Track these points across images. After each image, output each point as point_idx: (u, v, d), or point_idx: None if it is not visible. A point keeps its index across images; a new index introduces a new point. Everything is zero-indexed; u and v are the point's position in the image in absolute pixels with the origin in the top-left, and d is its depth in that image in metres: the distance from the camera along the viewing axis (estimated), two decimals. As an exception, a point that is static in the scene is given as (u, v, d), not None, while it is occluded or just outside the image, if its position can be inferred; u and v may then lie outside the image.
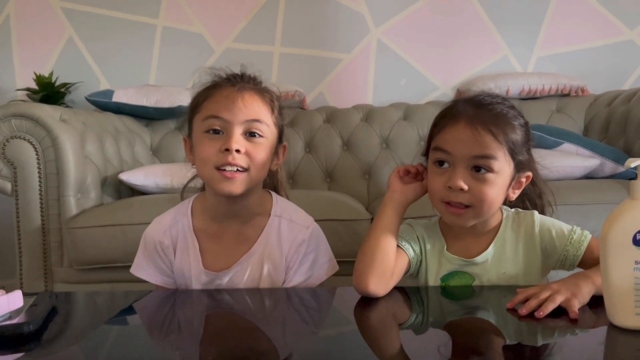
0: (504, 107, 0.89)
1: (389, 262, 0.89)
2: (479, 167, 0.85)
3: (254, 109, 0.92)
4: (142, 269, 1.04)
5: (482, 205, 0.86)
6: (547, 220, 0.94)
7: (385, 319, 0.84)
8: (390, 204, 0.94)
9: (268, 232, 0.99)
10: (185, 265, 1.01)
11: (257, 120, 0.93)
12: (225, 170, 0.90)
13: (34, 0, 2.46)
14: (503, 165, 0.86)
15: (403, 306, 0.89)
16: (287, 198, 1.10)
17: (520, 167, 0.89)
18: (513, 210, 0.97)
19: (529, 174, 0.92)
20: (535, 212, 0.95)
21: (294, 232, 1.00)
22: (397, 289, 0.91)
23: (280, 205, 1.03)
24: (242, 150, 0.90)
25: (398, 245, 0.94)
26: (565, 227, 0.93)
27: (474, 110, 0.87)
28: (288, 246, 0.99)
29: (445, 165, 0.88)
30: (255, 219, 1.00)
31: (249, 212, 0.99)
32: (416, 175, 0.97)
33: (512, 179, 0.89)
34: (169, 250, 1.02)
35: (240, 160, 0.90)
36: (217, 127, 0.91)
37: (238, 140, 0.90)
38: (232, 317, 0.86)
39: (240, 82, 0.95)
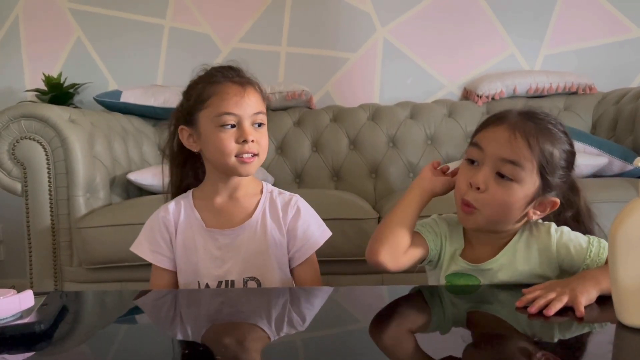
0: (555, 128, 0.89)
1: (402, 237, 0.92)
2: (504, 175, 0.86)
3: (256, 103, 1.06)
4: (139, 244, 1.14)
5: (492, 209, 0.87)
6: (565, 234, 0.92)
7: (395, 317, 0.84)
8: (416, 188, 0.98)
9: (264, 204, 1.12)
10: (188, 235, 1.11)
11: (260, 112, 1.07)
12: (243, 157, 1.04)
13: (42, 2, 2.48)
14: (528, 178, 0.86)
15: (412, 304, 0.90)
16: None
17: (547, 187, 0.88)
18: (532, 221, 0.95)
19: (555, 200, 0.90)
20: (552, 225, 0.93)
21: (286, 201, 1.13)
22: (407, 287, 0.91)
23: (269, 186, 1.17)
24: (255, 139, 1.05)
25: (420, 233, 0.97)
26: (583, 239, 0.91)
27: (521, 119, 0.88)
28: (284, 212, 1.11)
29: (476, 164, 0.89)
30: (250, 195, 1.13)
31: (244, 185, 1.12)
32: (454, 175, 0.98)
33: (534, 198, 0.88)
34: (170, 223, 1.12)
35: (254, 147, 1.05)
36: (233, 122, 1.04)
37: (251, 132, 1.04)
38: (239, 316, 0.86)
39: (237, 77, 1.08)
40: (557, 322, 0.73)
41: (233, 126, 1.04)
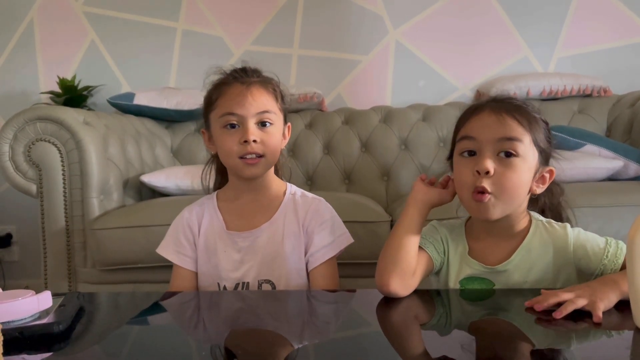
0: (524, 105, 0.92)
1: (410, 262, 0.90)
2: (506, 152, 0.86)
3: (262, 102, 1.05)
4: (162, 246, 1.15)
5: (505, 190, 0.86)
6: (582, 234, 0.92)
7: (407, 320, 0.84)
8: (413, 204, 0.96)
9: (286, 206, 1.11)
10: (210, 237, 1.11)
11: (266, 111, 1.05)
12: (246, 158, 1.03)
13: (57, 5, 2.51)
14: (528, 150, 0.87)
15: (425, 308, 0.89)
16: (289, 177, 1.24)
17: (544, 158, 0.90)
18: (545, 220, 0.95)
19: (552, 169, 0.92)
20: (568, 226, 0.93)
21: (308, 203, 1.12)
22: (419, 291, 0.91)
23: (293, 187, 1.16)
24: (258, 139, 1.03)
25: (421, 247, 0.94)
26: (600, 240, 0.90)
27: (498, 103, 0.91)
28: (304, 214, 1.10)
29: (472, 155, 0.89)
30: (273, 197, 1.12)
31: (266, 186, 1.12)
32: (443, 186, 0.98)
33: (536, 170, 0.90)
34: (193, 224, 1.13)
35: (257, 148, 1.03)
36: (234, 122, 1.04)
37: (253, 132, 1.03)
38: (253, 319, 0.87)
39: (245, 77, 1.07)
40: (574, 327, 0.72)
41: (235, 126, 1.04)
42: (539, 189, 0.92)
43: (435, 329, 0.80)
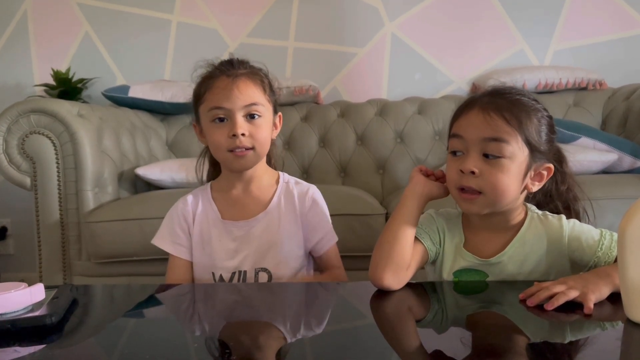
0: (523, 97, 0.89)
1: (405, 255, 0.90)
2: (490, 154, 0.85)
3: (249, 94, 1.04)
4: (158, 237, 1.16)
5: (494, 191, 0.86)
6: (577, 226, 0.92)
7: (401, 313, 0.84)
8: (410, 196, 0.94)
9: (280, 195, 1.13)
10: (204, 226, 1.12)
11: (254, 104, 1.05)
12: (236, 151, 1.04)
13: (51, -3, 2.50)
14: (515, 151, 0.85)
15: (419, 300, 0.90)
16: (282, 166, 1.26)
17: (537, 156, 0.88)
18: (541, 212, 0.95)
19: (549, 165, 0.90)
20: (564, 217, 0.93)
21: (303, 190, 1.14)
22: (413, 283, 0.91)
23: (286, 176, 1.18)
24: (246, 133, 1.03)
25: (416, 238, 0.94)
26: (595, 233, 0.90)
27: (489, 98, 0.89)
28: (301, 202, 1.12)
29: (460, 154, 0.89)
30: (266, 186, 1.13)
31: (258, 177, 1.13)
32: (437, 178, 0.97)
33: (529, 168, 0.88)
34: (188, 214, 1.13)
35: (246, 141, 1.04)
36: (222, 116, 1.04)
37: (241, 125, 1.03)
38: (247, 311, 0.87)
39: (232, 69, 1.06)
40: (565, 319, 0.73)
41: (224, 120, 1.04)
42: (535, 187, 0.91)
43: (428, 321, 0.80)
